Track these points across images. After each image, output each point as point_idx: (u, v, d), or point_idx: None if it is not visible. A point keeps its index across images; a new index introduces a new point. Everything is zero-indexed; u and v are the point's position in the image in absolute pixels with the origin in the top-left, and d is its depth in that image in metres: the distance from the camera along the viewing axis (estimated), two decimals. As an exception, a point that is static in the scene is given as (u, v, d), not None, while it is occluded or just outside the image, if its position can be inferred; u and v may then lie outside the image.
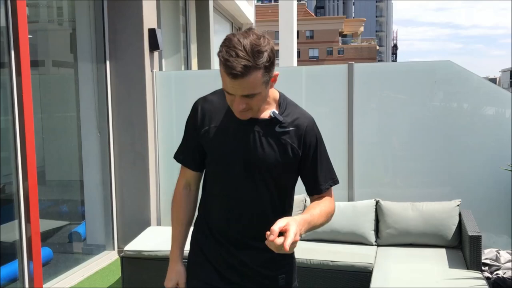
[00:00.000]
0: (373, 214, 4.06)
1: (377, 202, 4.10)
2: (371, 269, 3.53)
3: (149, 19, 4.92)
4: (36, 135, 3.76)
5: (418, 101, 4.30)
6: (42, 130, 4.41)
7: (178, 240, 1.83)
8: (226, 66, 1.47)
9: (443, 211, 3.89)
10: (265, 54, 1.48)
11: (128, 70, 4.89)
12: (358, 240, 4.01)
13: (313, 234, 4.11)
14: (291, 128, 1.70)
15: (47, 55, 4.77)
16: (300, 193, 4.35)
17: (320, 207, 1.71)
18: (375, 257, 3.73)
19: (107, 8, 4.89)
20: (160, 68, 5.64)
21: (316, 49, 66.85)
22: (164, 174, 4.94)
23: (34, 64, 3.58)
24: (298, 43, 13.46)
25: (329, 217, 1.75)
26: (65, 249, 4.77)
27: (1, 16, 3.53)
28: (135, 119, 4.89)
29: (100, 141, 4.96)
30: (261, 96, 1.57)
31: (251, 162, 1.67)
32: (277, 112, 1.70)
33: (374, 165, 4.40)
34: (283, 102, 1.74)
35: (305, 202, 4.26)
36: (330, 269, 3.64)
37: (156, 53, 5.06)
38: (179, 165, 1.87)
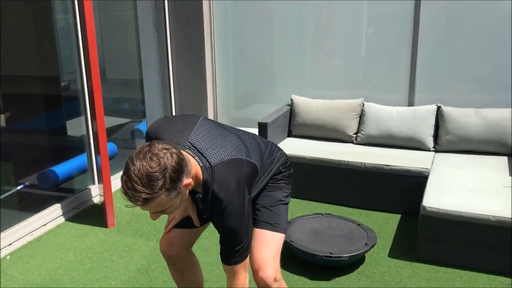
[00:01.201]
0: (433, 119, 3.94)
1: (438, 108, 3.96)
2: (427, 174, 3.51)
3: None
4: (96, 34, 3.81)
5: (490, 3, 3.93)
6: (100, 30, 4.47)
7: None
8: (129, 199, 1.49)
9: (509, 119, 3.71)
10: (162, 180, 1.46)
11: (186, 1, 4.75)
12: (415, 145, 3.95)
13: (368, 138, 4.08)
14: (208, 215, 1.77)
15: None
16: (358, 97, 4.26)
17: None
18: (432, 162, 3.69)
19: None
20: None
21: None
22: (220, 75, 4.96)
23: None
24: None
25: None
26: (128, 145, 5.03)
27: None
28: (191, 19, 4.83)
29: (158, 41, 4.98)
30: (175, 206, 1.58)
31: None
32: (200, 197, 1.71)
33: (437, 69, 4.18)
34: (206, 186, 1.68)
35: (363, 106, 4.19)
36: (384, 173, 3.65)
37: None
38: (234, 65, 1.84)
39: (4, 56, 3.70)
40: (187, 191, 1.58)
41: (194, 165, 1.63)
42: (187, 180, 1.54)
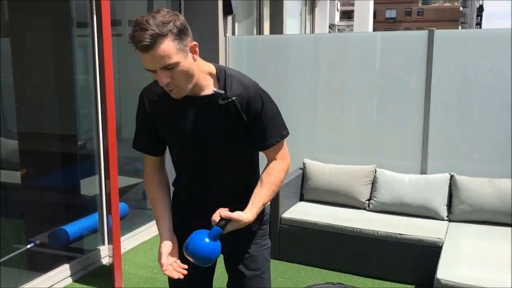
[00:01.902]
0: (447, 188, 3.92)
1: (451, 177, 3.94)
2: (441, 244, 3.45)
3: (224, -18, 4.90)
4: (114, 94, 3.92)
5: (501, 69, 4.01)
6: (119, 89, 4.61)
7: (162, 219, 1.85)
8: (134, 41, 1.53)
9: (524, 190, 3.68)
10: (170, 24, 1.53)
11: (202, 34, 4.93)
12: (428, 214, 3.90)
13: (381, 205, 4.05)
14: (233, 98, 1.75)
15: (124, 16, 4.91)
16: (370, 164, 4.27)
17: (269, 184, 1.83)
18: (446, 232, 3.63)
19: (183, -30, 4.91)
20: (233, 32, 5.64)
21: (393, 10, 63.90)
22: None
23: (111, 24, 3.69)
24: (374, 3, 12.92)
25: (280, 184, 1.87)
26: (140, 205, 5.03)
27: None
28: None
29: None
30: (182, 67, 1.60)
31: (202, 137, 1.78)
32: (216, 89, 1.75)
33: (450, 137, 4.21)
34: (221, 75, 1.77)
35: (375, 172, 4.19)
36: (397, 242, 3.60)
37: (229, 17, 5.06)
38: None
39: (25, 113, 3.81)
40: (194, 60, 1.65)
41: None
42: (193, 42, 1.63)
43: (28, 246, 3.70)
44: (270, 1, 7.07)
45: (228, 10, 4.90)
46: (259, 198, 1.80)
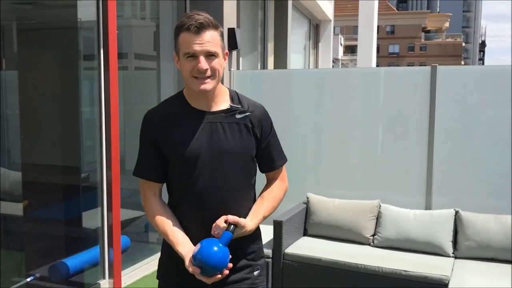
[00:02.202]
0: (452, 224, 3.87)
1: (456, 212, 3.90)
2: (446, 282, 3.38)
3: (229, 19, 4.99)
4: (119, 126, 3.95)
5: (504, 105, 4.02)
6: (124, 122, 4.64)
7: (178, 240, 1.77)
8: (189, 20, 1.69)
9: (530, 227, 3.63)
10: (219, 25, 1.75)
11: None
12: (434, 250, 3.84)
13: (385, 241, 4.00)
14: (249, 113, 1.83)
15: (130, 50, 4.99)
16: (374, 198, 4.24)
17: (270, 199, 1.90)
18: (452, 269, 3.57)
19: (190, 6, 5.02)
20: (238, 66, 5.72)
21: (396, 44, 64.78)
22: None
23: (118, 57, 3.75)
24: (377, 38, 13.11)
25: (279, 202, 1.94)
26: (142, 239, 4.99)
27: (97, 12, 3.73)
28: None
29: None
30: (219, 61, 1.73)
31: (218, 153, 1.77)
32: (232, 104, 1.84)
33: (455, 172, 4.18)
34: (233, 94, 1.87)
35: (379, 207, 4.15)
36: (402, 279, 3.53)
37: (234, 52, 5.13)
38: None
39: (29, 145, 3.83)
40: (224, 66, 1.77)
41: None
42: (226, 50, 1.80)
43: (28, 280, 3.66)
44: (275, 36, 7.19)
45: (233, 45, 4.98)
46: (260, 209, 1.85)
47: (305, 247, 4.02)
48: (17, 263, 3.62)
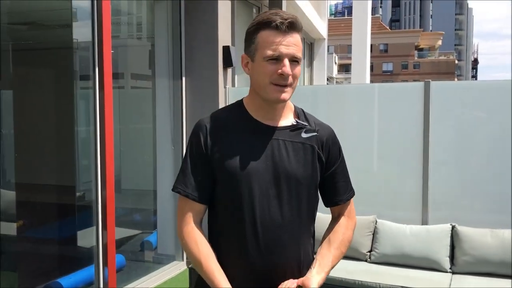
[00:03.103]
0: (449, 239, 3.86)
1: (453, 227, 3.90)
2: (445, 297, 3.36)
3: (224, 37, 5.04)
4: (114, 145, 3.95)
5: (498, 120, 4.05)
6: (120, 141, 4.64)
7: (218, 271, 1.49)
8: (277, 17, 1.46)
9: (527, 240, 3.63)
10: None
11: (203, 86, 5.02)
12: (431, 266, 3.82)
13: (382, 257, 3.98)
14: (315, 133, 1.59)
15: (126, 69, 5.02)
16: (370, 214, 4.22)
17: (338, 243, 1.63)
18: (450, 285, 3.54)
19: (185, 26, 5.07)
20: (233, 84, 5.75)
21: (390, 63, 65.39)
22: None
23: (114, 77, 3.77)
24: (371, 57, 13.25)
25: (348, 245, 1.68)
26: (137, 257, 4.95)
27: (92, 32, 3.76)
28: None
29: (174, 154, 5.12)
30: (300, 68, 1.52)
31: (281, 175, 1.50)
32: (299, 120, 1.61)
33: (450, 187, 4.19)
34: (300, 111, 1.65)
35: (376, 223, 4.14)
36: (400, 295, 3.50)
37: (229, 70, 5.17)
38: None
39: (24, 164, 3.82)
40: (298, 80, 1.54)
41: None
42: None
43: (21, 300, 3.61)
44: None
45: (228, 63, 5.01)
46: (328, 258, 1.55)
47: (302, 264, 3.99)
48: (10, 283, 3.58)
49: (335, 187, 1.65)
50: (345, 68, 46.68)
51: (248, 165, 1.48)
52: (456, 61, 71.81)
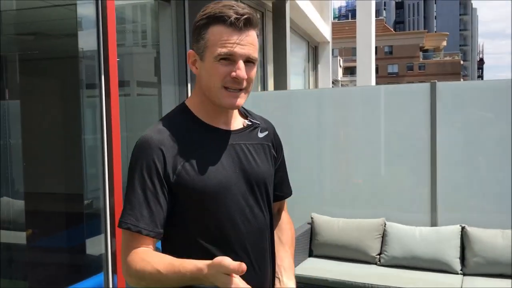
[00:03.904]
0: (459, 240, 3.84)
1: (462, 228, 3.87)
2: (456, 299, 3.33)
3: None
4: (121, 153, 3.96)
5: (505, 119, 4.02)
6: (127, 149, 4.66)
7: (183, 261, 1.20)
8: (231, 10, 1.28)
9: (538, 240, 3.59)
10: None
11: None
12: (441, 267, 3.80)
13: (392, 259, 3.95)
14: (267, 132, 1.50)
15: (132, 77, 5.04)
16: (379, 217, 4.20)
17: (290, 242, 1.56)
18: (461, 287, 3.52)
19: (189, 32, 5.09)
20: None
21: (395, 65, 65.26)
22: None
23: (120, 84, 3.79)
24: (376, 59, 13.23)
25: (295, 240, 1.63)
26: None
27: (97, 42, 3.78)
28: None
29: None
30: (255, 70, 1.37)
31: (253, 181, 1.38)
32: (252, 119, 1.49)
33: (459, 188, 4.16)
34: (242, 110, 1.50)
35: (385, 225, 4.12)
36: (411, 298, 3.48)
37: (234, 75, 5.18)
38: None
39: (32, 173, 3.84)
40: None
41: None
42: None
43: (32, 309, 3.62)
44: (274, 59, 7.27)
45: (232, 68, 5.02)
46: (289, 261, 1.50)
47: (311, 268, 3.98)
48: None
49: (280, 181, 1.55)
50: (350, 71, 46.65)
51: (219, 179, 1.31)
52: (462, 62, 71.55)
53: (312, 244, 4.35)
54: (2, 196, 3.52)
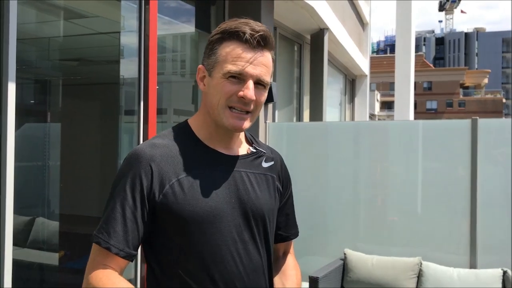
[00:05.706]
0: (500, 285, 3.64)
1: (504, 273, 3.68)
2: None
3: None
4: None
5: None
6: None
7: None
8: (246, 27, 1.21)
9: None
10: None
11: None
12: (481, 313, 3.60)
13: (428, 301, 3.78)
14: (272, 162, 1.37)
15: (170, 105, 5.13)
16: (414, 256, 4.05)
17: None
18: (502, 335, 3.31)
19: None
20: (273, 119, 5.77)
21: (434, 101, 64.32)
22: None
23: (157, 112, 3.85)
24: (414, 94, 13.07)
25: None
26: None
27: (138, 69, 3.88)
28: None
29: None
30: (265, 95, 1.27)
31: (249, 213, 1.26)
32: (257, 147, 1.38)
33: (500, 229, 3.97)
34: (249, 136, 1.40)
35: (420, 265, 3.96)
36: None
37: (270, 105, 5.19)
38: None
39: (68, 195, 3.91)
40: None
41: None
42: None
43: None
44: (310, 91, 7.27)
45: (269, 98, 5.03)
46: None
47: (342, 306, 3.84)
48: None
49: (286, 220, 1.40)
50: (387, 105, 46.26)
51: (210, 206, 1.21)
52: (504, 100, 69.88)
53: (344, 281, 4.22)
54: (38, 217, 3.58)
